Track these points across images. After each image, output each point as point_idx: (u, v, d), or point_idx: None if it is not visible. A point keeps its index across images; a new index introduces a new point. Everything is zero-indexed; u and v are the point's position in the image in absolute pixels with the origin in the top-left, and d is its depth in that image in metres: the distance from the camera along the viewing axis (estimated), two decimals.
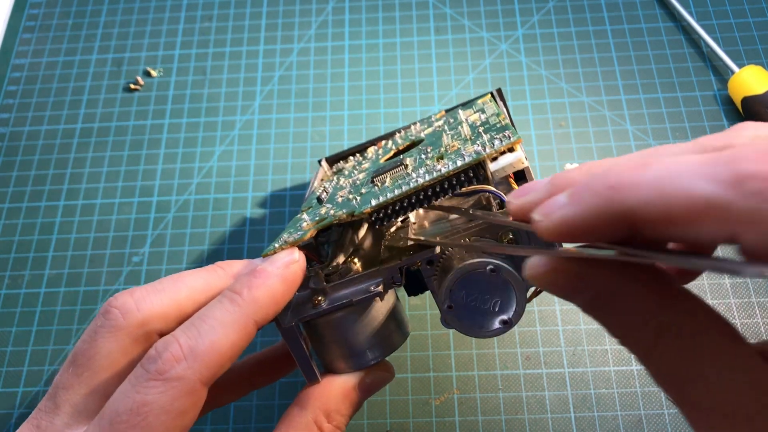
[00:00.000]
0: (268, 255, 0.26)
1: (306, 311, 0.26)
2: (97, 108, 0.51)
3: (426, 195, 0.25)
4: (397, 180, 0.27)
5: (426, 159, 0.28)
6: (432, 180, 0.25)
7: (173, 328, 0.23)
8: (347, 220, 0.26)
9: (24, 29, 0.55)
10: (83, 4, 0.56)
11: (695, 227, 0.13)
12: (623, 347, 0.17)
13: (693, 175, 0.13)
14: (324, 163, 0.41)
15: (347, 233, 0.29)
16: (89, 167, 0.49)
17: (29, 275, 0.45)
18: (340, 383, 0.26)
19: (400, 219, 0.30)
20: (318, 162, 0.41)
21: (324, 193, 0.33)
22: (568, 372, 0.39)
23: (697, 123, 0.46)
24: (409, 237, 0.27)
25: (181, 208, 0.47)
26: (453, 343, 0.40)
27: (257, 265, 0.25)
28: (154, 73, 0.52)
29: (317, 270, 0.27)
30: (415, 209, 0.26)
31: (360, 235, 0.29)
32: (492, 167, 0.25)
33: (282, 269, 0.24)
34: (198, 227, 0.46)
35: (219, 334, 0.22)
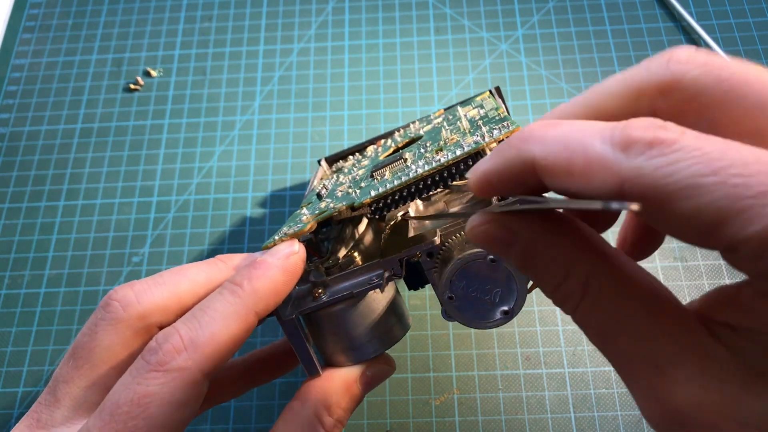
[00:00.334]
0: (268, 247, 0.26)
1: (306, 304, 0.26)
2: (97, 108, 0.51)
3: (426, 184, 0.25)
4: (397, 172, 0.27)
5: (425, 153, 0.28)
6: (431, 169, 0.25)
7: (173, 320, 0.23)
8: (348, 214, 0.26)
9: (24, 29, 0.55)
10: (83, 4, 0.56)
11: (589, 179, 0.15)
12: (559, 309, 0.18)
13: (592, 135, 0.15)
14: (323, 163, 0.41)
15: (347, 229, 0.29)
16: (89, 167, 0.49)
17: (29, 275, 0.45)
18: (341, 376, 0.26)
19: (400, 214, 0.30)
20: (318, 162, 0.41)
21: (324, 190, 0.33)
22: (568, 372, 0.39)
23: None
24: (408, 218, 0.27)
25: (181, 208, 0.47)
26: (453, 343, 0.40)
27: (257, 257, 0.25)
28: (154, 73, 0.52)
29: (317, 264, 0.27)
30: (415, 199, 0.26)
31: (360, 230, 0.29)
32: None
33: (282, 260, 0.24)
34: (198, 227, 0.46)
35: (220, 325, 0.22)
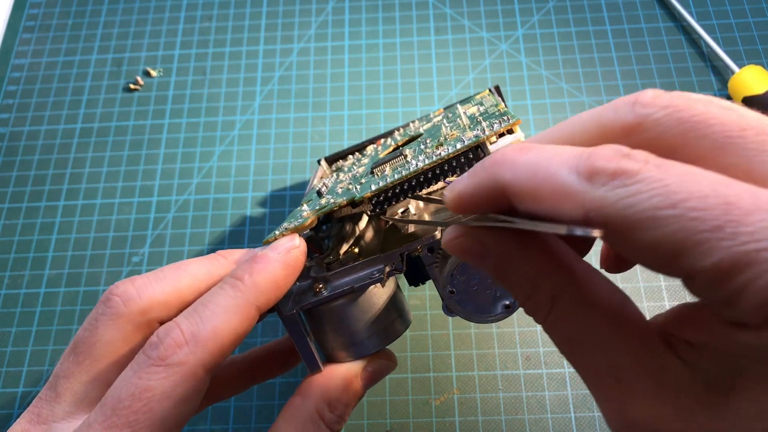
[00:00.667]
0: (269, 242, 0.26)
1: (307, 299, 0.26)
2: (97, 108, 0.51)
3: (426, 178, 0.25)
4: (397, 167, 0.27)
5: (425, 149, 0.28)
6: (432, 163, 0.25)
7: (174, 315, 0.23)
8: (348, 211, 0.26)
9: (24, 29, 0.55)
10: (83, 4, 0.56)
11: (555, 206, 0.15)
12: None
13: (559, 163, 0.15)
14: (323, 163, 0.41)
15: (347, 226, 0.29)
16: (89, 167, 0.49)
17: (29, 275, 0.45)
18: (342, 372, 0.26)
19: (400, 210, 0.30)
20: (317, 162, 0.41)
21: (324, 188, 0.33)
22: (568, 372, 0.39)
23: None
24: (390, 219, 0.27)
25: (181, 208, 0.47)
26: (453, 344, 0.40)
27: (258, 252, 0.25)
28: (153, 73, 0.52)
29: (319, 259, 0.27)
30: (416, 192, 0.26)
31: (360, 227, 0.29)
32: (492, 149, 0.25)
33: (283, 254, 0.24)
34: (198, 227, 0.46)
35: (221, 319, 0.22)
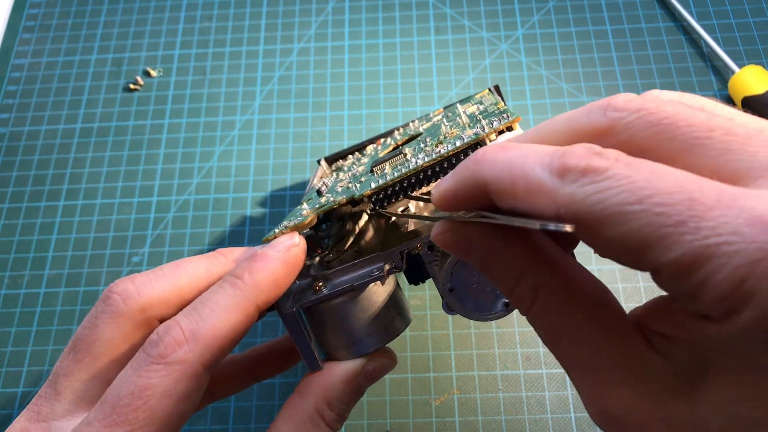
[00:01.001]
0: (268, 240, 0.26)
1: (307, 297, 0.26)
2: (97, 108, 0.51)
3: (426, 175, 0.25)
4: (397, 165, 0.27)
5: (425, 147, 0.28)
6: (432, 160, 0.25)
7: (174, 314, 0.23)
8: (348, 210, 0.26)
9: (24, 29, 0.55)
10: (83, 4, 0.56)
11: (530, 202, 0.16)
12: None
13: (534, 162, 0.16)
14: (323, 163, 0.41)
15: (347, 225, 0.29)
16: (89, 167, 0.49)
17: (29, 275, 0.45)
18: (341, 370, 0.26)
19: (400, 210, 0.30)
20: (317, 162, 0.41)
21: (324, 187, 0.33)
22: None
23: None
24: (385, 212, 0.27)
25: (181, 208, 0.47)
26: (453, 344, 0.40)
27: (258, 250, 0.25)
28: (153, 73, 0.52)
29: (319, 257, 0.27)
30: (415, 189, 0.26)
31: (360, 225, 0.29)
32: None
33: (283, 253, 0.25)
34: (198, 227, 0.46)
35: (220, 317, 0.22)
